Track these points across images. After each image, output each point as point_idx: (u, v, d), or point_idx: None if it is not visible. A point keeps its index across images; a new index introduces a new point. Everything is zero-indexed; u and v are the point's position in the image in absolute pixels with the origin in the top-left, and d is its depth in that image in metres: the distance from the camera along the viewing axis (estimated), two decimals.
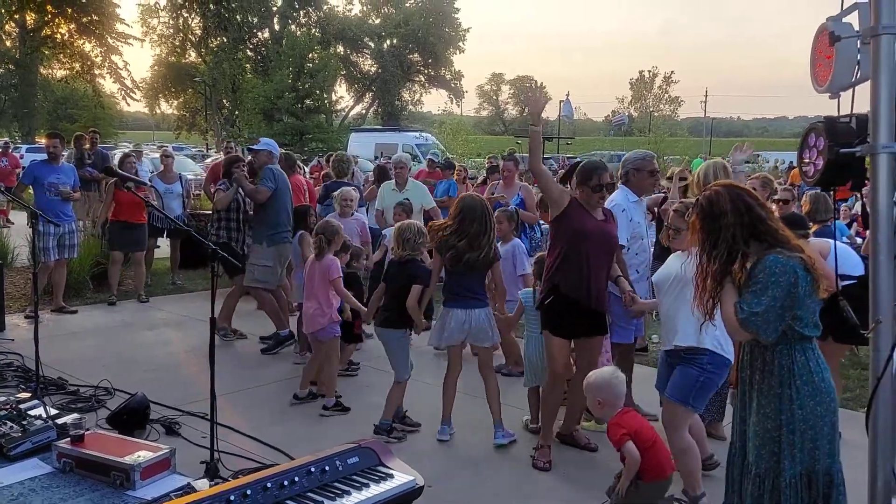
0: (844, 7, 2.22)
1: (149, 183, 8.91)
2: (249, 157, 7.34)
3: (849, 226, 11.21)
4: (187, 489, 3.77)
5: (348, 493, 2.36)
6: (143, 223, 8.73)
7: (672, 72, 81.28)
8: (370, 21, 58.46)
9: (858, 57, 2.13)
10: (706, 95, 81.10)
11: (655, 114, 64.43)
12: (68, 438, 3.99)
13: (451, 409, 4.89)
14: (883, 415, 2.11)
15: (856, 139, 2.18)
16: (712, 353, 3.76)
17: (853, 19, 2.21)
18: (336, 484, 2.41)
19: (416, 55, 58.98)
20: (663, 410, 4.04)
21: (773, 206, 6.87)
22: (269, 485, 2.26)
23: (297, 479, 2.34)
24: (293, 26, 51.58)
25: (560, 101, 35.58)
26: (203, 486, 3.89)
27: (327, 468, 2.43)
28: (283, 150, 9.98)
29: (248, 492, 2.21)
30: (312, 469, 2.40)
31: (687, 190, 7.81)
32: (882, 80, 2.06)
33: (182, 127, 51.77)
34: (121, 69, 30.20)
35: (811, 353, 2.79)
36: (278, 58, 42.58)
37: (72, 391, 5.41)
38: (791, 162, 23.64)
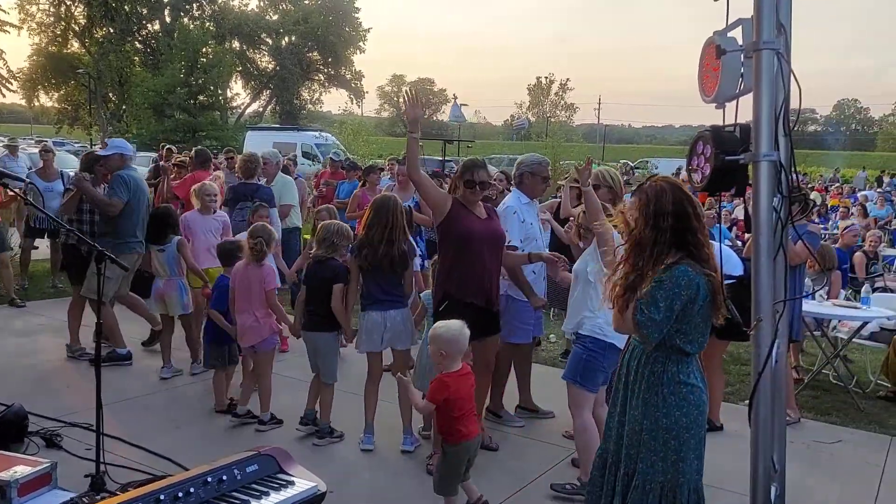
0: (729, 22, 2.35)
1: (26, 180, 8.33)
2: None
3: (729, 229, 11.92)
4: None
5: (247, 502, 2.28)
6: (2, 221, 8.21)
7: (567, 79, 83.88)
8: (268, 17, 57.12)
9: (742, 70, 2.26)
10: (599, 103, 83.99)
11: (552, 119, 66.23)
12: None
13: (374, 416, 4.82)
14: (763, 408, 2.24)
15: (740, 147, 2.30)
16: (592, 337, 4.03)
17: (737, 33, 2.34)
18: (234, 493, 2.32)
19: (315, 53, 58.07)
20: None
21: None
22: (162, 497, 2.16)
23: (192, 489, 2.24)
24: (185, 19, 49.68)
25: (453, 105, 35.96)
26: (87, 500, 3.68)
27: (225, 477, 2.35)
28: (198, 147, 9.60)
29: None
30: (209, 479, 2.30)
31: (581, 194, 8.03)
32: (763, 92, 2.19)
33: (63, 121, 48.77)
34: None
35: (685, 366, 2.80)
36: (169, 51, 40.88)
37: None
38: (679, 167, 24.82)
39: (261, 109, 59.95)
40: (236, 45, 53.72)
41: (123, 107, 43.97)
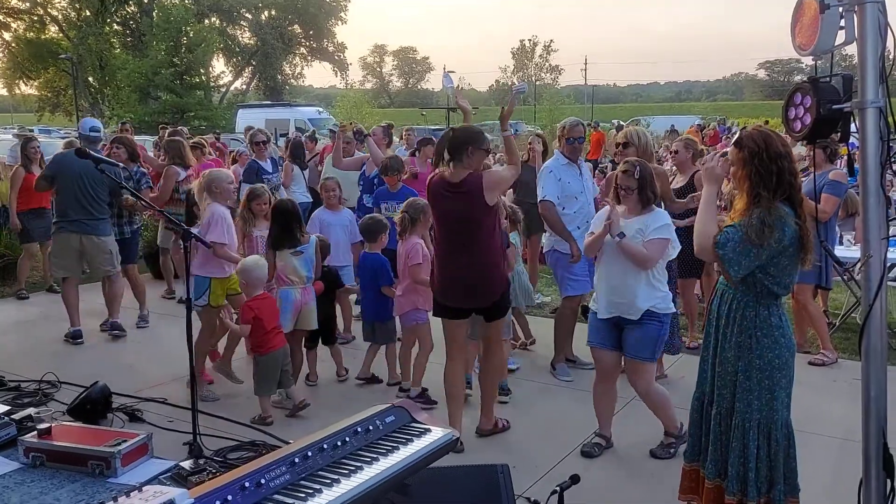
0: None
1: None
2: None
3: None
4: (178, 470, 3.74)
5: (396, 448, 2.47)
6: (49, 209, 8.26)
7: (551, 41, 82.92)
8: None
9: (842, 23, 2.41)
10: (586, 63, 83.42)
11: (538, 83, 65.88)
12: (35, 432, 3.84)
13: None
14: (874, 336, 2.44)
15: (841, 96, 2.47)
16: (666, 313, 4.03)
17: None
18: (381, 441, 2.52)
19: (296, 27, 57.46)
20: (630, 371, 4.14)
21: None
22: (325, 446, 2.35)
23: (347, 439, 2.43)
24: None
25: (444, 75, 35.79)
26: (190, 465, 3.85)
27: (370, 427, 2.54)
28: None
29: (309, 453, 2.29)
30: (358, 429, 2.50)
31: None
32: (868, 44, 2.35)
33: (44, 108, 48.09)
34: None
35: (775, 308, 2.98)
36: (151, 31, 40.27)
37: (13, 387, 5.14)
38: (672, 126, 24.92)
39: (243, 87, 59.33)
40: (216, 21, 52.98)
41: (106, 90, 43.32)
